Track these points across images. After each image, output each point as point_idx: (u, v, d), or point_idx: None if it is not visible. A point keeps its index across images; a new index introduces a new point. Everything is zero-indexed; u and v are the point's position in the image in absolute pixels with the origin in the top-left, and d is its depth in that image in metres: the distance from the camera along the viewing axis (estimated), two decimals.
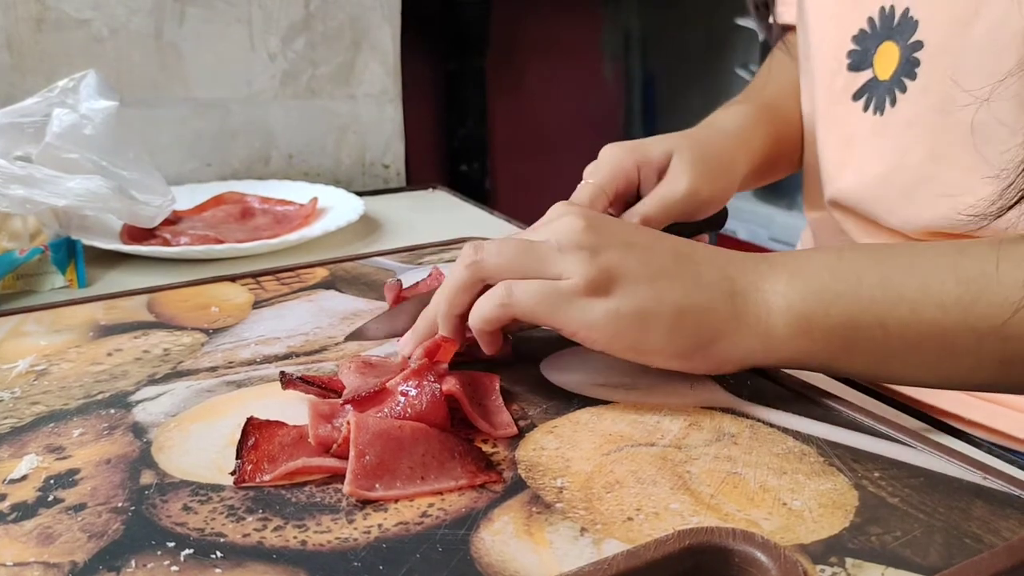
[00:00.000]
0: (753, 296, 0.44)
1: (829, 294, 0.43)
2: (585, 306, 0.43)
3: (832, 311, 0.43)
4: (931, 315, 0.42)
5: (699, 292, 0.44)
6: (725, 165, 0.62)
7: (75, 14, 0.90)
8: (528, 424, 0.44)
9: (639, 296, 0.43)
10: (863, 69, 0.59)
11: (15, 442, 0.42)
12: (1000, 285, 0.41)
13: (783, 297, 0.44)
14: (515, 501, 0.37)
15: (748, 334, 0.44)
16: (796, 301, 0.43)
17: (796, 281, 0.44)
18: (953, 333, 0.42)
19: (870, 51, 0.58)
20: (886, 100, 0.57)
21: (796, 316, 0.43)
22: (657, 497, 0.37)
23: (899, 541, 0.34)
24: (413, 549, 0.34)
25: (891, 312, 0.42)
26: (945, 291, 0.42)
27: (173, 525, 0.35)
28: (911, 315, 0.42)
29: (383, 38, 1.05)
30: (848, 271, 0.44)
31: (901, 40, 0.56)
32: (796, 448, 0.41)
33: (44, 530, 0.35)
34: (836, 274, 0.44)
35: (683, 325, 0.43)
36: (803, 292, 0.44)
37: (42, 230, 0.69)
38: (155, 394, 0.47)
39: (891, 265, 0.44)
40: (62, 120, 0.67)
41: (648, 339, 0.43)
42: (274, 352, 0.52)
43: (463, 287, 0.46)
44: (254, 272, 0.67)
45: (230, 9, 0.97)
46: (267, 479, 0.39)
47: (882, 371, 0.45)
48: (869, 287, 0.43)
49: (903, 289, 0.43)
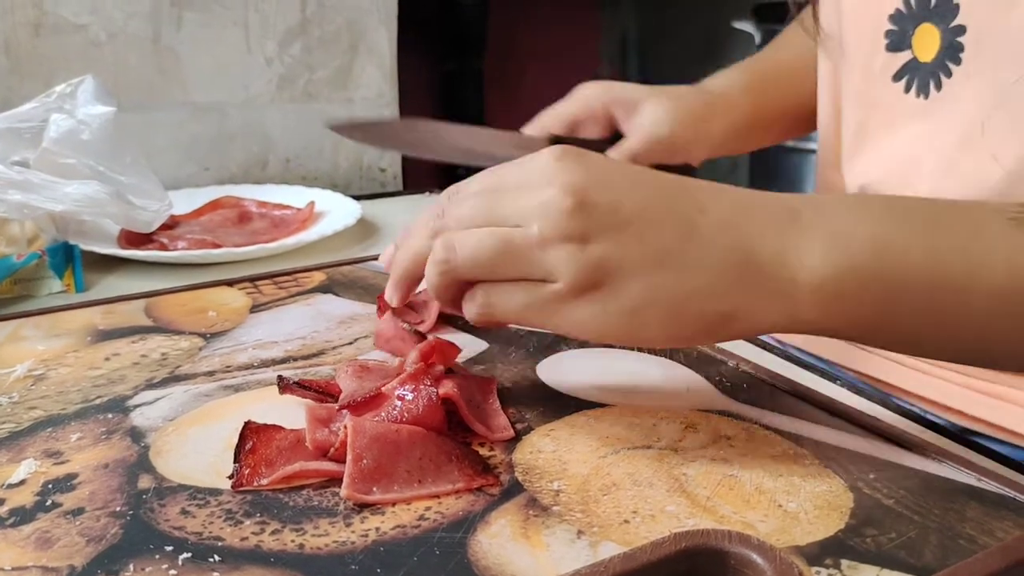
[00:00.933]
0: (774, 271, 0.39)
1: (867, 273, 0.39)
2: (573, 309, 0.39)
3: (869, 291, 0.39)
4: (977, 305, 0.39)
5: (701, 276, 0.39)
6: (700, 114, 0.64)
7: (73, 19, 0.91)
8: (525, 427, 0.44)
9: (631, 293, 0.38)
10: (903, 50, 0.57)
11: (13, 447, 0.42)
12: None
13: (812, 272, 0.39)
14: (512, 504, 0.37)
15: (766, 310, 0.39)
16: (829, 278, 0.39)
17: (833, 256, 0.39)
18: (995, 321, 0.39)
19: (908, 31, 0.56)
20: (930, 83, 0.56)
21: (828, 295, 0.39)
22: (653, 499, 0.37)
23: (894, 542, 0.35)
24: (410, 552, 0.34)
25: (935, 298, 0.39)
26: (996, 282, 0.39)
27: (171, 529, 0.36)
28: (955, 303, 0.39)
29: (380, 42, 1.05)
30: (893, 249, 0.39)
31: (941, 23, 0.54)
32: (792, 450, 0.42)
33: (42, 534, 0.35)
34: (878, 251, 0.39)
35: (682, 316, 0.39)
36: (838, 268, 0.39)
37: (39, 235, 0.69)
38: (153, 398, 0.47)
39: (942, 243, 0.39)
40: (59, 125, 0.67)
41: (644, 333, 0.40)
42: (271, 356, 0.52)
43: (436, 289, 0.42)
44: (251, 276, 0.67)
45: (227, 13, 0.97)
46: (265, 483, 0.39)
47: (914, 349, 0.43)
48: (915, 267, 0.39)
49: (951, 272, 0.39)
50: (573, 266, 0.38)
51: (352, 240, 0.82)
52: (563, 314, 0.39)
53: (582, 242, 0.38)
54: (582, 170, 0.40)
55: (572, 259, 0.38)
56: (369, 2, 1.04)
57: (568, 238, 0.38)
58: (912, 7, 0.56)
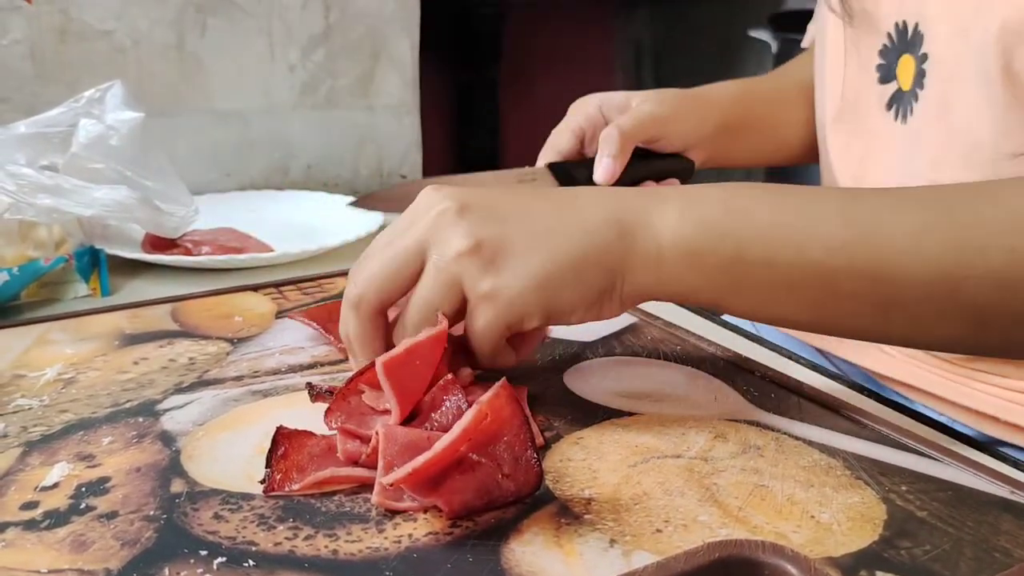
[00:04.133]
0: (642, 232, 0.44)
1: (718, 230, 0.43)
2: (492, 303, 0.43)
3: (720, 247, 0.43)
4: (816, 256, 0.42)
5: (589, 239, 0.43)
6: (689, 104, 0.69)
7: (98, 25, 0.91)
8: (554, 435, 0.44)
9: (534, 265, 0.43)
10: (890, 81, 0.61)
11: (45, 450, 0.43)
12: (885, 231, 0.42)
13: (672, 231, 0.43)
14: (544, 512, 0.37)
15: (642, 270, 0.44)
16: (686, 235, 0.43)
17: (687, 214, 0.44)
18: (836, 275, 0.42)
19: (893, 64, 0.61)
20: (907, 108, 0.60)
21: (685, 251, 0.43)
22: (685, 509, 0.37)
23: (928, 555, 0.34)
24: (444, 559, 0.34)
25: (778, 252, 0.43)
26: (831, 233, 0.42)
27: (205, 533, 0.36)
28: (797, 255, 0.43)
29: (401, 50, 1.06)
30: (740, 208, 0.44)
31: (915, 52, 0.59)
32: (822, 461, 0.41)
33: (77, 537, 0.36)
34: (727, 210, 0.44)
35: (584, 276, 0.43)
36: (693, 226, 0.43)
37: (66, 239, 0.69)
38: (182, 403, 0.47)
39: (782, 205, 0.44)
40: (88, 130, 0.68)
41: (559, 300, 0.43)
42: (299, 362, 0.53)
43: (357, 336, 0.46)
44: (276, 282, 0.67)
45: (251, 21, 0.98)
46: (296, 488, 0.39)
47: (768, 311, 0.45)
48: (758, 226, 0.43)
49: (791, 230, 0.43)
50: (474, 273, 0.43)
51: None
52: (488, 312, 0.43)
53: (474, 250, 0.43)
54: (456, 191, 0.45)
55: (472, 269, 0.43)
56: (391, 11, 1.04)
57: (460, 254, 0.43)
58: (895, 41, 0.60)
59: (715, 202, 0.44)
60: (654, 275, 0.44)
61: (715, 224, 0.43)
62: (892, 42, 0.60)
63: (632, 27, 2.43)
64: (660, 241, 0.43)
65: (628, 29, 2.42)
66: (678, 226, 0.43)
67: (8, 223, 0.65)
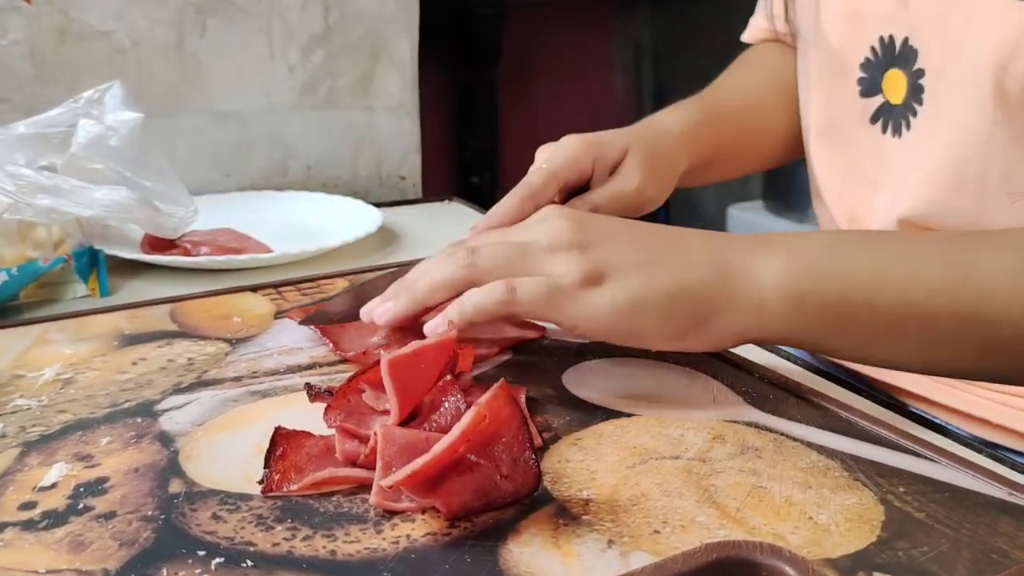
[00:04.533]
0: (747, 272, 0.45)
1: (822, 272, 0.44)
2: (582, 299, 0.45)
3: (824, 289, 0.44)
4: (918, 298, 0.43)
5: (690, 272, 0.45)
6: (670, 166, 0.65)
7: (98, 25, 0.91)
8: (552, 436, 0.44)
9: (632, 283, 0.44)
10: (874, 94, 0.61)
11: (44, 450, 0.43)
12: (984, 273, 0.43)
13: (777, 275, 0.45)
14: (542, 513, 0.37)
15: (742, 310, 0.45)
16: (790, 278, 0.45)
17: (792, 259, 0.45)
18: (938, 317, 0.43)
19: (878, 78, 0.61)
20: (902, 123, 0.59)
21: (790, 292, 0.44)
22: (683, 510, 0.37)
23: (926, 556, 0.34)
24: (442, 560, 0.34)
25: (880, 293, 0.44)
26: (933, 276, 0.43)
27: (203, 534, 0.36)
28: (899, 297, 0.43)
29: (401, 50, 1.06)
30: (842, 252, 0.45)
31: (906, 67, 0.58)
32: (820, 462, 0.41)
33: (75, 538, 0.36)
34: (831, 254, 0.45)
35: (677, 307, 0.44)
36: (797, 269, 0.45)
37: (65, 239, 0.69)
38: (181, 403, 0.47)
39: (883, 249, 0.45)
40: (88, 131, 0.68)
41: (645, 324, 0.45)
42: (297, 362, 0.53)
43: (453, 285, 0.47)
44: (275, 282, 0.67)
45: (250, 21, 0.98)
46: (294, 489, 0.39)
47: (871, 352, 0.46)
48: (861, 268, 0.44)
49: (893, 272, 0.44)
50: (578, 262, 0.45)
51: (373, 247, 0.83)
52: (575, 302, 0.45)
53: (583, 248, 0.46)
54: (574, 211, 0.49)
55: (577, 258, 0.45)
56: (391, 11, 1.04)
57: (571, 246, 0.46)
58: (879, 55, 0.60)
59: (819, 247, 0.46)
60: (755, 316, 0.45)
61: (819, 267, 0.45)
62: (876, 56, 0.60)
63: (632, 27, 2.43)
64: (764, 283, 0.45)
65: (628, 29, 2.42)
66: (783, 269, 0.45)
67: (7, 223, 0.65)
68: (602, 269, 0.45)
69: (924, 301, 0.43)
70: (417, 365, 0.42)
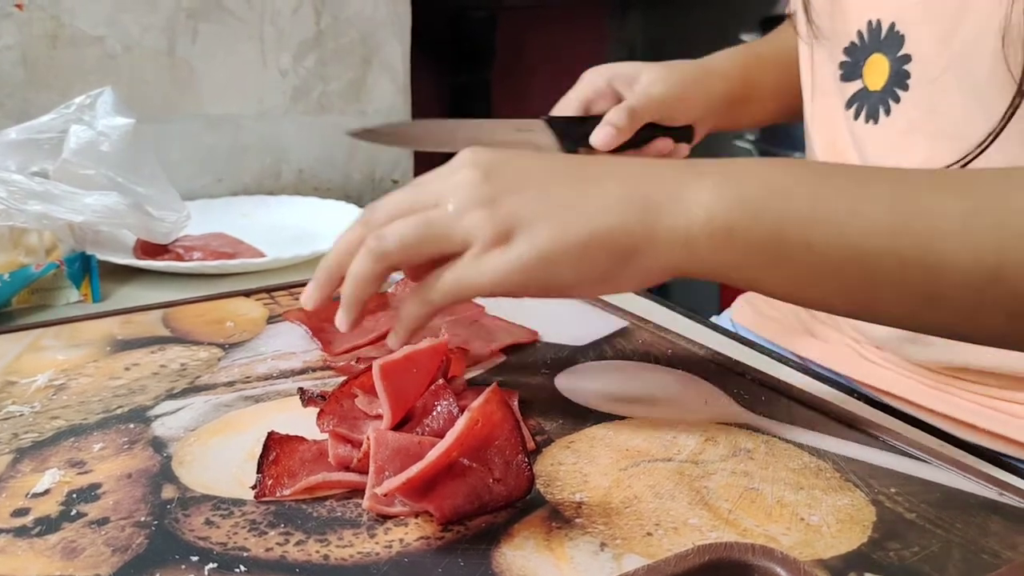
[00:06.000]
0: (671, 207, 0.43)
1: (755, 207, 0.42)
2: (492, 261, 0.43)
3: (756, 225, 0.42)
4: (857, 238, 0.41)
5: (606, 215, 0.43)
6: (695, 76, 0.70)
7: (89, 31, 0.91)
8: (545, 439, 0.44)
9: (541, 236, 0.42)
10: (854, 79, 0.61)
11: (36, 456, 0.42)
12: (931, 216, 0.40)
13: (705, 208, 0.42)
14: (535, 516, 0.37)
15: (667, 247, 0.43)
16: (720, 212, 0.42)
17: (723, 191, 0.42)
18: (878, 259, 0.41)
19: (859, 63, 0.60)
20: (879, 110, 0.59)
21: (719, 227, 0.42)
22: (675, 512, 0.38)
23: (917, 556, 0.35)
24: (435, 564, 0.34)
25: (816, 231, 0.41)
26: (876, 215, 0.41)
27: (196, 539, 0.36)
28: (837, 236, 0.41)
29: (393, 55, 1.06)
30: (780, 185, 0.43)
31: (890, 53, 0.58)
32: (812, 463, 0.42)
33: (68, 544, 0.35)
34: (767, 187, 0.43)
35: (592, 254, 0.42)
36: (728, 203, 0.42)
37: (57, 245, 0.69)
38: (174, 408, 0.47)
39: (827, 184, 0.43)
40: (79, 137, 0.68)
41: (559, 276, 0.43)
42: (291, 367, 0.53)
43: (372, 278, 0.45)
44: (268, 287, 0.67)
45: (242, 26, 0.98)
46: (287, 493, 0.39)
47: (806, 293, 0.44)
48: (798, 203, 0.42)
49: (833, 209, 0.41)
50: (486, 223, 0.43)
51: None
52: (484, 268, 0.43)
53: (491, 204, 0.43)
54: (488, 154, 0.46)
55: (485, 218, 0.43)
56: (383, 15, 1.04)
57: (479, 203, 0.43)
58: (865, 40, 0.60)
59: (754, 179, 0.43)
60: (682, 252, 0.43)
61: (752, 200, 0.42)
62: (862, 40, 0.59)
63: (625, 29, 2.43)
64: (691, 217, 0.42)
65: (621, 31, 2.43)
66: (712, 201, 0.42)
67: None
68: (511, 224, 0.43)
69: (864, 241, 0.41)
70: (409, 369, 0.42)
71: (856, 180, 0.43)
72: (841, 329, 0.68)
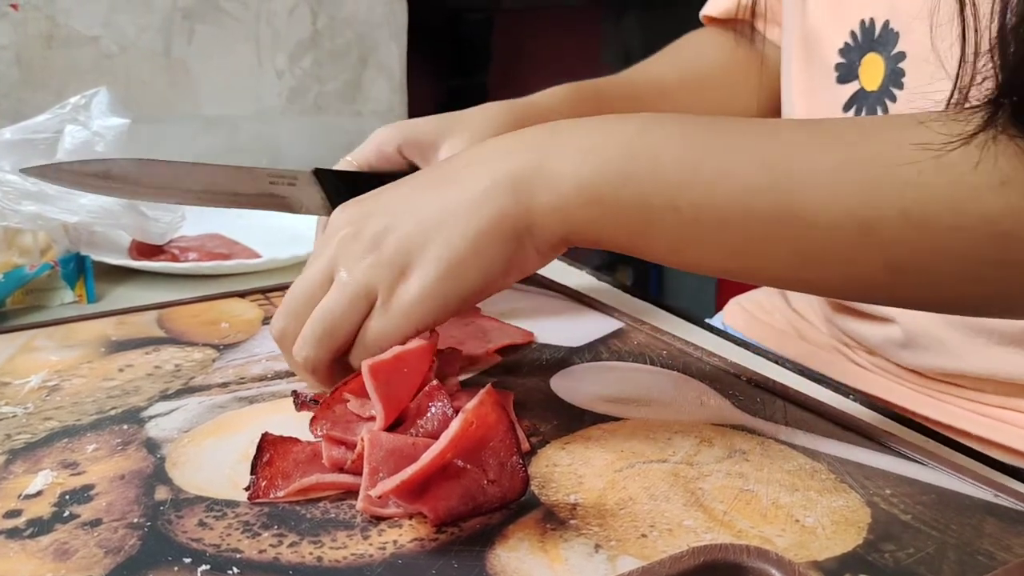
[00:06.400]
0: (539, 183, 0.42)
1: (620, 174, 0.41)
2: (399, 304, 0.43)
3: (623, 193, 0.41)
4: (725, 199, 0.40)
5: (479, 210, 0.42)
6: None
7: (85, 31, 0.91)
8: (540, 440, 0.44)
9: (432, 258, 0.42)
10: (850, 81, 0.60)
11: (29, 457, 0.42)
12: (800, 171, 0.40)
13: (571, 179, 0.42)
14: (529, 518, 0.37)
15: (548, 222, 0.42)
16: (586, 183, 0.41)
17: (586, 160, 0.42)
18: (747, 218, 0.40)
19: (855, 63, 0.59)
20: (877, 110, 0.58)
21: (588, 199, 0.41)
22: (670, 513, 0.37)
23: (912, 558, 0.35)
24: (429, 565, 0.34)
25: (684, 195, 0.40)
26: (745, 174, 0.40)
27: (189, 541, 0.36)
28: (704, 198, 0.40)
29: (390, 56, 1.06)
30: (645, 149, 0.41)
31: (884, 51, 0.57)
32: (807, 465, 0.42)
33: (61, 546, 0.35)
34: (630, 153, 0.41)
35: (484, 251, 0.42)
36: (592, 172, 0.41)
37: (52, 246, 0.69)
38: (168, 410, 0.47)
39: (694, 145, 0.41)
40: (74, 137, 0.68)
41: (466, 284, 0.43)
42: (285, 368, 0.52)
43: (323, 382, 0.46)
44: (263, 288, 0.67)
45: (238, 27, 0.98)
46: (281, 495, 0.39)
47: (685, 256, 0.43)
48: (664, 167, 0.41)
49: (700, 170, 0.40)
50: (378, 271, 0.43)
51: None
52: (396, 313, 0.43)
53: (374, 250, 0.43)
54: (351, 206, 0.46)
55: (374, 267, 0.43)
56: (379, 16, 1.04)
57: (363, 256, 0.44)
58: (859, 40, 0.59)
59: (618, 144, 0.42)
60: (563, 225, 0.42)
61: (615, 168, 0.41)
62: (856, 40, 0.59)
63: (620, 32, 2.43)
64: (562, 191, 0.42)
65: (616, 34, 2.43)
66: (577, 172, 0.41)
67: None
68: (401, 260, 0.43)
69: (733, 203, 0.40)
70: (399, 369, 0.42)
71: (725, 138, 0.42)
72: (833, 334, 0.68)
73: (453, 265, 0.42)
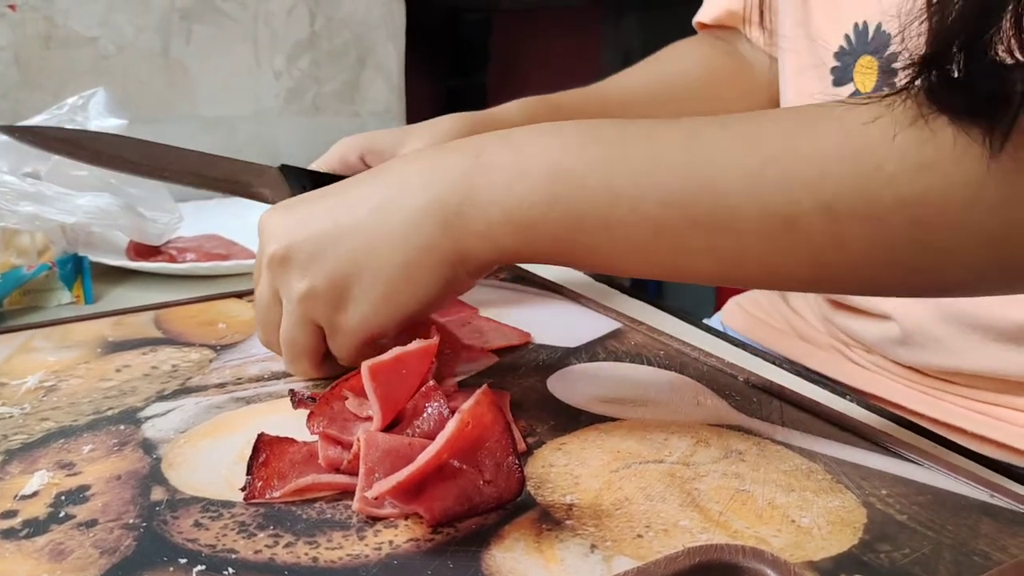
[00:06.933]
0: (469, 211, 0.42)
1: (546, 197, 0.41)
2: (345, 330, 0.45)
3: (551, 216, 0.41)
4: (652, 211, 0.40)
5: (406, 243, 0.43)
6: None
7: (83, 31, 0.91)
8: (536, 441, 0.44)
9: (367, 286, 0.44)
10: (845, 83, 0.60)
11: (26, 458, 0.42)
12: (720, 175, 0.39)
13: (499, 207, 0.42)
14: (525, 518, 0.37)
15: (481, 250, 0.43)
16: (514, 211, 0.42)
17: (514, 183, 0.42)
18: (673, 228, 0.40)
19: (849, 66, 0.60)
20: None
21: (518, 226, 0.42)
22: (666, 514, 0.37)
23: (908, 558, 0.35)
24: (425, 566, 0.34)
25: (612, 211, 0.41)
26: (669, 183, 0.40)
27: (185, 541, 0.36)
28: (632, 214, 0.40)
29: (387, 56, 1.06)
30: (569, 167, 0.41)
31: (878, 53, 0.57)
32: (803, 465, 0.42)
33: (56, 546, 0.35)
34: (555, 172, 0.41)
35: (417, 276, 0.43)
36: (519, 200, 0.42)
37: (50, 246, 0.69)
38: (164, 410, 0.47)
39: (615, 158, 0.41)
40: None
41: (405, 307, 0.44)
42: (282, 369, 0.52)
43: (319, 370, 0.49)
44: None
45: (236, 27, 0.98)
46: (277, 495, 0.39)
47: (619, 268, 0.44)
48: (591, 188, 0.41)
49: (624, 186, 0.40)
50: (317, 305, 0.45)
51: None
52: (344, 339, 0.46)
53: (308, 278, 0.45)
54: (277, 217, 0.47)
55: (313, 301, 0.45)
56: (377, 17, 1.04)
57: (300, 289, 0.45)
58: (853, 43, 0.59)
59: (542, 165, 0.42)
60: (494, 252, 0.43)
61: (542, 193, 0.41)
62: (851, 43, 0.59)
63: (620, 33, 2.43)
64: (491, 219, 0.42)
65: (616, 35, 2.43)
66: (505, 200, 0.42)
67: None
68: (337, 290, 0.44)
69: (660, 214, 0.40)
70: (398, 371, 0.42)
71: (648, 146, 0.41)
72: (830, 332, 0.68)
73: (387, 295, 0.44)
